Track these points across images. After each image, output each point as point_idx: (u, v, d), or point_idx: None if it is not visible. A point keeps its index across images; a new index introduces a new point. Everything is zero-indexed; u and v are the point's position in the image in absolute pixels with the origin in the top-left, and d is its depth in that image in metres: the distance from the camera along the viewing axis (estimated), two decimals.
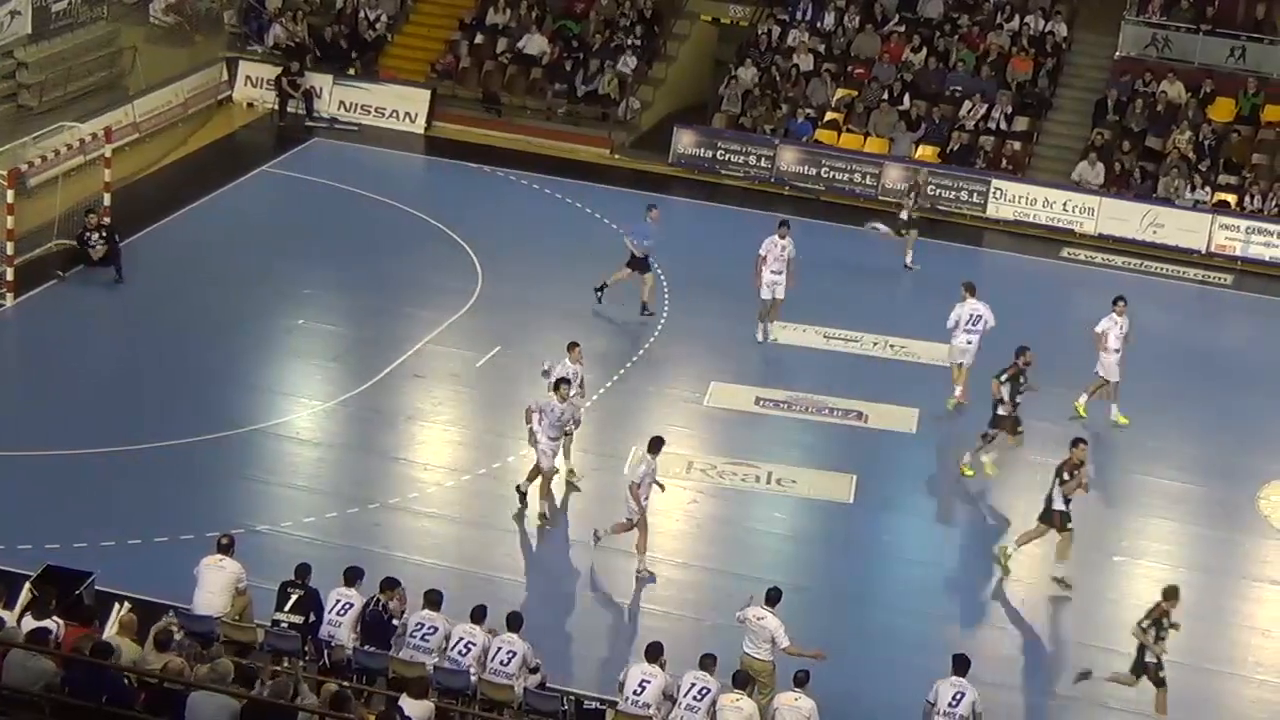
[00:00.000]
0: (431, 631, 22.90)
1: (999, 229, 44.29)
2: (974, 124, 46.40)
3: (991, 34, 48.32)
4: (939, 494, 31.66)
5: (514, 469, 30.41)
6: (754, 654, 23.87)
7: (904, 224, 40.51)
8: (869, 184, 45.31)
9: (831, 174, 45.63)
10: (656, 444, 27.61)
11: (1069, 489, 27.80)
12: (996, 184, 44.85)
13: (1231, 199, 44.23)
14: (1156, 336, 35.78)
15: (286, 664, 22.66)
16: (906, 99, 46.97)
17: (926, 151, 46.01)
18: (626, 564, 28.02)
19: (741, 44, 49.42)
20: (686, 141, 46.63)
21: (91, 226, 36.37)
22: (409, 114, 47.79)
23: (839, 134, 46.76)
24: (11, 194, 35.54)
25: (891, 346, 36.03)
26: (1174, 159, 44.92)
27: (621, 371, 34.09)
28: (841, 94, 47.62)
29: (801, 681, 22.34)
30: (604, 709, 22.72)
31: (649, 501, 27.37)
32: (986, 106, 46.54)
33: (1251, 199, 44.05)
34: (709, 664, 22.44)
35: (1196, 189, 44.26)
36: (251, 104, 48.20)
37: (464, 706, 22.37)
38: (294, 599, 23.43)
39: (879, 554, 29.14)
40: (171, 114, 45.82)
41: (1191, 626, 27.76)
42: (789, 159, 45.92)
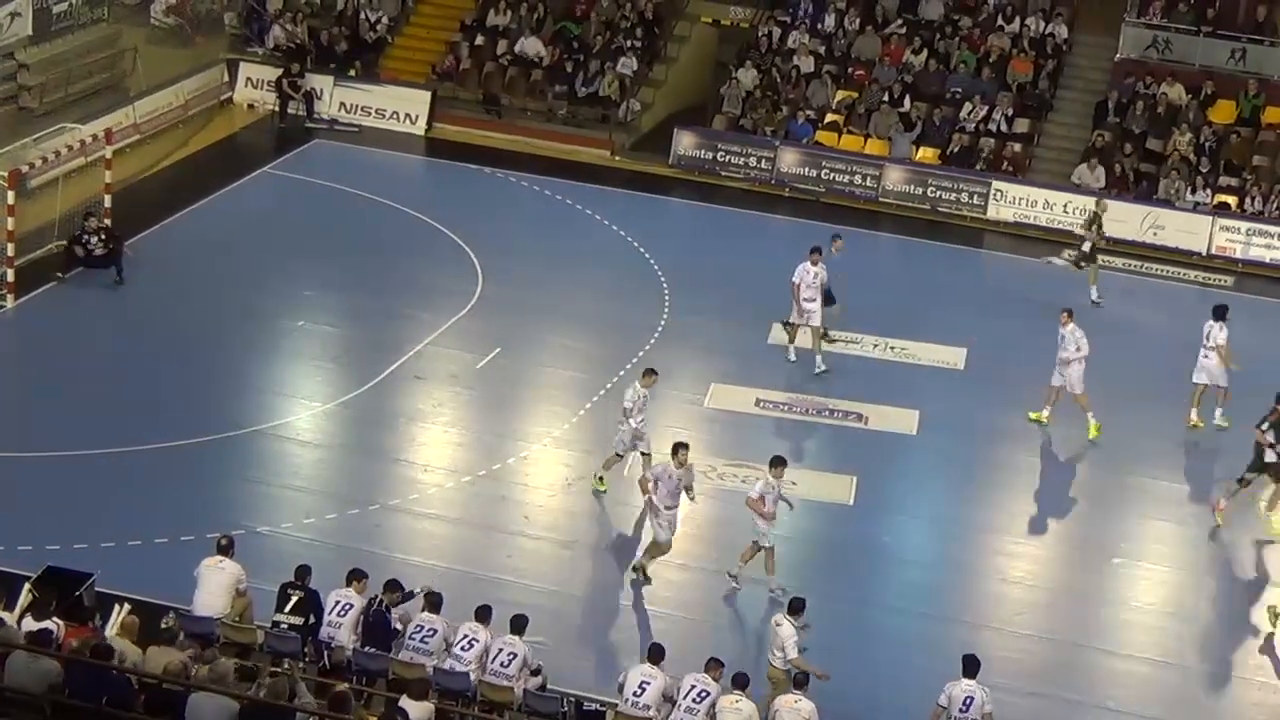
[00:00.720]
0: (431, 634, 22.91)
1: (999, 231, 44.28)
2: (974, 126, 46.40)
3: (992, 36, 48.31)
4: (939, 496, 31.69)
5: (514, 470, 30.45)
6: (770, 660, 23.90)
7: (1084, 256, 39.42)
8: (869, 186, 45.30)
9: (831, 176, 45.61)
10: (779, 462, 27.35)
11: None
12: (997, 186, 44.85)
13: (1232, 201, 44.23)
14: (1156, 338, 35.80)
15: (287, 665, 22.68)
16: (907, 101, 46.97)
17: (927, 153, 46.02)
18: (624, 565, 28.04)
19: (742, 46, 49.42)
20: (687, 143, 46.63)
21: (91, 230, 36.38)
22: (409, 115, 47.80)
23: (839, 136, 46.77)
24: (12, 195, 35.54)
25: (892, 348, 36.01)
26: (1174, 161, 44.92)
27: (622, 373, 34.06)
28: (842, 96, 47.63)
29: (801, 684, 22.35)
30: (604, 710, 22.71)
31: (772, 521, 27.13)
32: (987, 108, 46.54)
33: (1252, 201, 44.06)
34: (713, 667, 22.41)
35: (1197, 191, 44.27)
36: (252, 105, 48.21)
37: (464, 708, 22.39)
38: (294, 600, 23.43)
39: (879, 556, 29.13)
40: (172, 115, 45.81)
41: (1190, 627, 27.90)
42: (789, 161, 45.91)
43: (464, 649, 22.74)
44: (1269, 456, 30.46)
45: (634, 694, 22.27)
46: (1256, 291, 41.29)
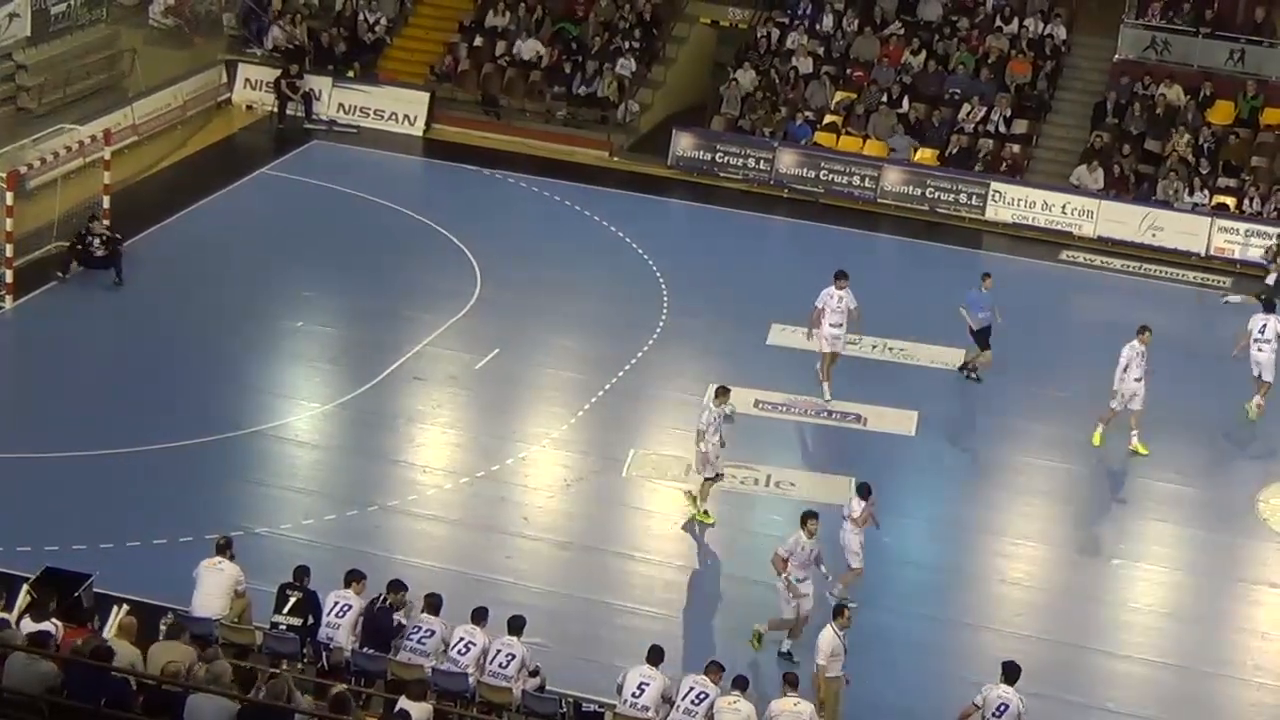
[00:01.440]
0: (429, 634, 22.91)
1: (998, 232, 44.27)
2: (973, 127, 46.39)
3: (990, 37, 48.30)
4: (938, 497, 31.69)
5: (513, 471, 30.46)
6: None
7: (1270, 289, 38.29)
8: (868, 187, 45.30)
9: (830, 177, 45.61)
10: (865, 490, 27.10)
11: None
12: (995, 187, 44.85)
13: (1230, 202, 44.23)
14: (1156, 339, 35.71)
15: (285, 666, 22.67)
16: (905, 102, 46.97)
17: (926, 154, 46.03)
18: (624, 566, 28.08)
19: (740, 47, 49.41)
20: (685, 144, 46.62)
21: (97, 232, 36.40)
22: (408, 116, 47.79)
23: (838, 137, 46.76)
24: (11, 196, 35.55)
25: (890, 349, 36.01)
26: (1173, 162, 44.92)
27: (620, 374, 34.09)
28: (840, 97, 47.62)
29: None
30: (602, 711, 22.70)
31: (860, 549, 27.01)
32: (985, 109, 46.53)
33: (1250, 202, 44.06)
34: (713, 670, 22.41)
35: (1195, 192, 44.26)
36: (251, 106, 48.19)
37: (462, 709, 22.39)
38: (293, 601, 23.44)
39: (878, 557, 29.02)
40: (171, 116, 45.80)
41: (1190, 629, 27.92)
42: (788, 162, 45.91)
43: (460, 653, 22.74)
44: None
45: (633, 695, 22.28)
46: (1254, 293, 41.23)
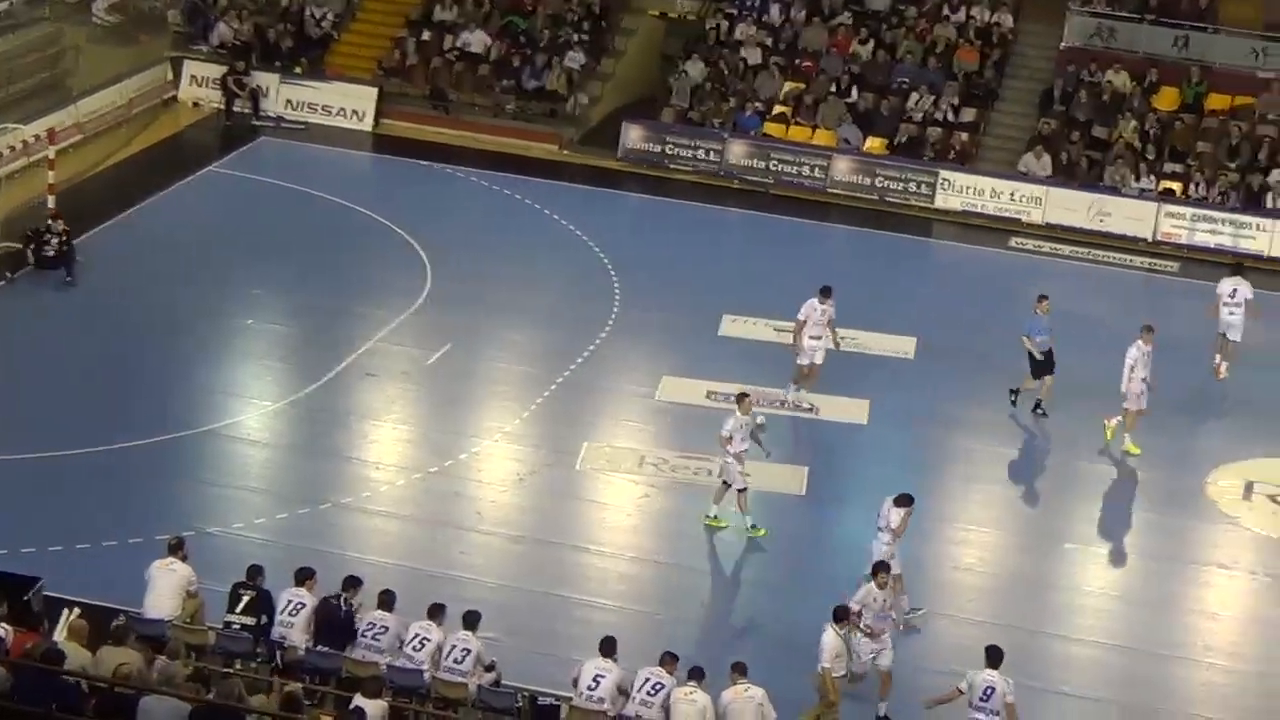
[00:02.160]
0: (383, 631, 22.85)
1: (947, 220, 44.37)
2: (921, 115, 46.49)
3: (938, 25, 48.39)
4: (891, 485, 31.65)
5: (466, 466, 30.42)
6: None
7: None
8: (818, 176, 45.35)
9: (780, 167, 45.64)
10: (906, 500, 26.39)
11: None
12: (944, 175, 44.94)
13: (1177, 187, 44.42)
14: (1104, 324, 35.93)
15: (239, 665, 22.61)
16: (854, 91, 47.03)
17: (875, 143, 46.09)
18: (578, 559, 28.07)
19: (689, 38, 49.42)
20: (635, 136, 46.61)
21: (57, 231, 36.20)
22: (356, 112, 47.65)
23: (787, 127, 46.80)
24: None
25: (842, 339, 36.01)
26: (1120, 148, 45.10)
27: (573, 367, 34.07)
28: (789, 87, 47.66)
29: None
30: (558, 705, 22.70)
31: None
32: (933, 98, 46.61)
33: (1196, 187, 44.26)
34: (667, 661, 22.41)
35: (1142, 178, 44.45)
36: (197, 103, 47.96)
37: (418, 705, 22.35)
38: (246, 600, 23.33)
39: (831, 546, 29.15)
40: (116, 114, 45.53)
41: (1140, 610, 28.07)
42: (737, 152, 45.93)
43: (415, 649, 22.69)
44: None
45: (589, 687, 22.27)
46: (1201, 277, 41.32)
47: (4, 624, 21.11)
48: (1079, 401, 33.22)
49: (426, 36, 49.41)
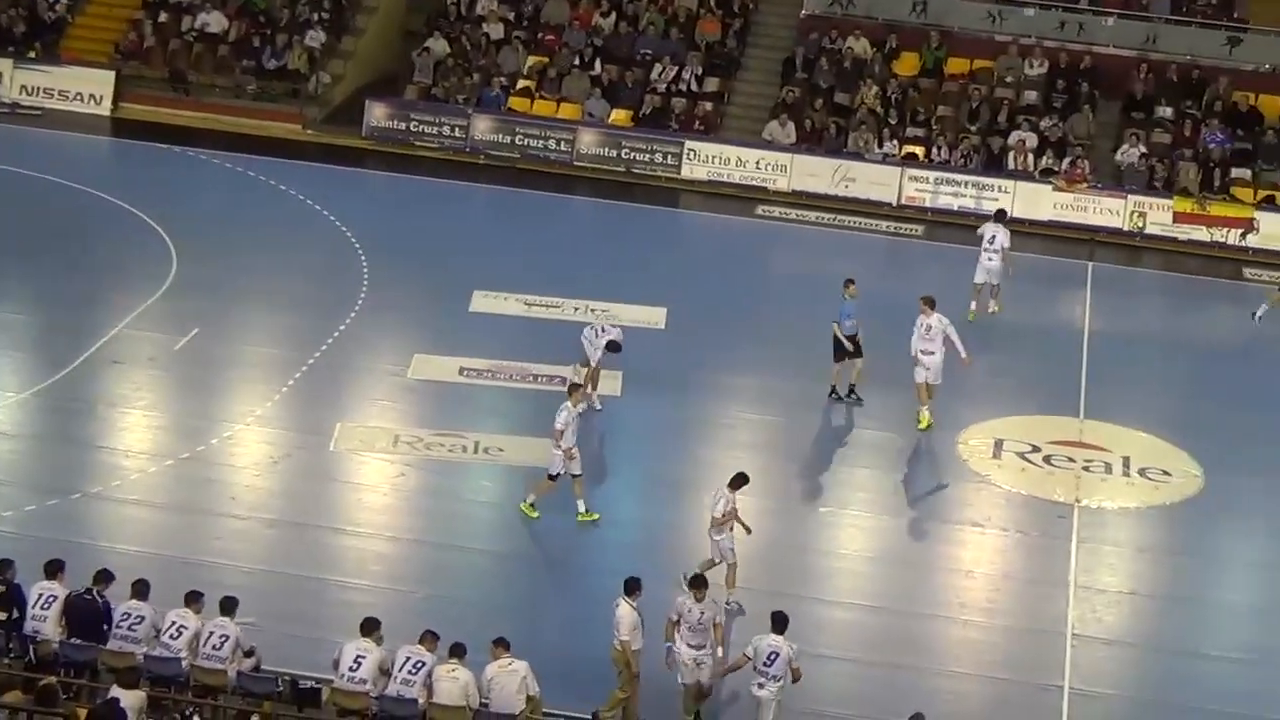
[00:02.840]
0: (139, 621, 22.56)
1: (694, 190, 44.73)
2: (665, 86, 46.75)
3: None
4: (645, 455, 31.92)
5: (218, 451, 30.04)
6: (612, 642, 23.56)
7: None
8: (564, 150, 45.45)
9: (526, 141, 45.68)
10: (739, 480, 26.54)
11: None
12: (690, 145, 45.29)
13: (919, 151, 45.18)
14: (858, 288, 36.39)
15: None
16: (598, 64, 47.16)
17: (620, 115, 46.25)
18: (335, 541, 27.89)
19: (431, 14, 49.24)
20: (379, 114, 46.37)
21: None
22: (94, 96, 46.87)
23: (532, 101, 46.83)
24: None
25: (593, 310, 36.09)
26: (862, 114, 45.75)
27: (323, 348, 33.81)
28: (533, 61, 47.69)
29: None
30: (320, 688, 22.55)
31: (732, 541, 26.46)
32: (677, 69, 46.92)
33: (939, 151, 45.05)
34: (427, 639, 22.39)
35: (885, 143, 45.15)
36: None
37: (177, 694, 22.08)
38: None
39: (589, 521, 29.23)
40: None
41: (898, 571, 28.50)
42: (483, 128, 45.88)
43: (172, 637, 22.43)
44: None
45: (350, 669, 22.17)
46: (946, 239, 42.20)
47: None
48: (827, 365, 33.58)
49: (164, 18, 48.72)
